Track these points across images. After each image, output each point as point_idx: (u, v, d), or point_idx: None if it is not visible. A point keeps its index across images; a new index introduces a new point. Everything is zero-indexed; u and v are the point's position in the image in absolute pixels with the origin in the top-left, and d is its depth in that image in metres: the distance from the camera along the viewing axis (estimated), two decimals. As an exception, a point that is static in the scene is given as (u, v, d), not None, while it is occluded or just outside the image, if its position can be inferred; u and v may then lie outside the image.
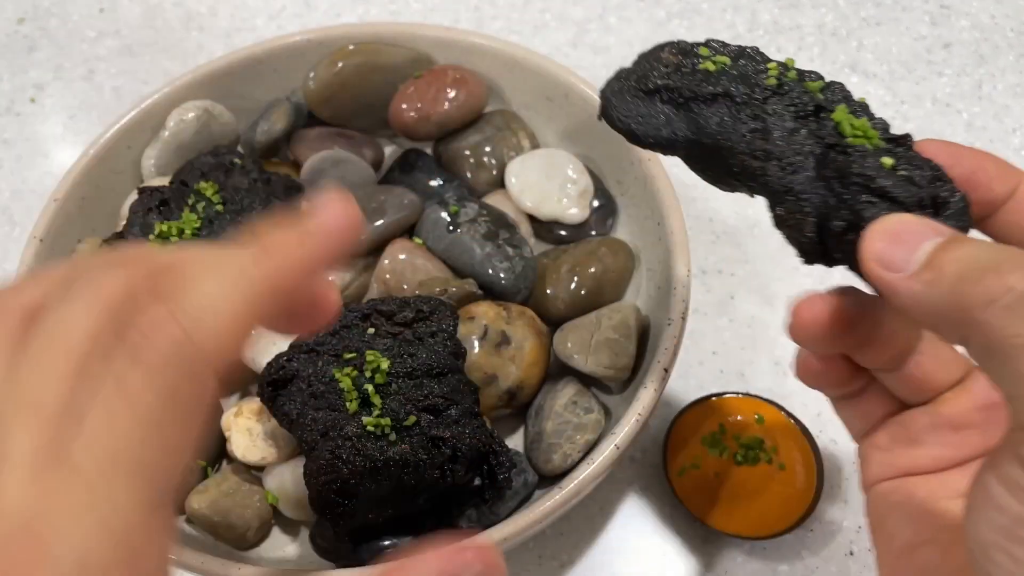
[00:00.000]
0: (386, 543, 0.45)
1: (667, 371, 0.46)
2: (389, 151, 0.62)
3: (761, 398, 0.52)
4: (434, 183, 0.58)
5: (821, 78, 0.32)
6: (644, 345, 0.51)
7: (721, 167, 0.32)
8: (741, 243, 0.62)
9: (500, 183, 0.59)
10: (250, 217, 0.50)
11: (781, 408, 0.51)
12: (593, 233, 0.57)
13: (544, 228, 0.58)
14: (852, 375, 0.32)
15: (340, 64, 0.58)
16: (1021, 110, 0.68)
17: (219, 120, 0.58)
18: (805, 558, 0.50)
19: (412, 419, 0.42)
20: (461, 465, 0.42)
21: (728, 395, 0.52)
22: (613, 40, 0.73)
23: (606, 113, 0.33)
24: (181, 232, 0.49)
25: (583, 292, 0.53)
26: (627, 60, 0.34)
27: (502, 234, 0.53)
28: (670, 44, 0.33)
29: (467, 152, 0.59)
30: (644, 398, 0.44)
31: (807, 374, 0.33)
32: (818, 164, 0.29)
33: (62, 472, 0.20)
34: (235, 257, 0.24)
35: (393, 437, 0.41)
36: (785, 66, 0.32)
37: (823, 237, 0.29)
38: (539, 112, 0.61)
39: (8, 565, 0.19)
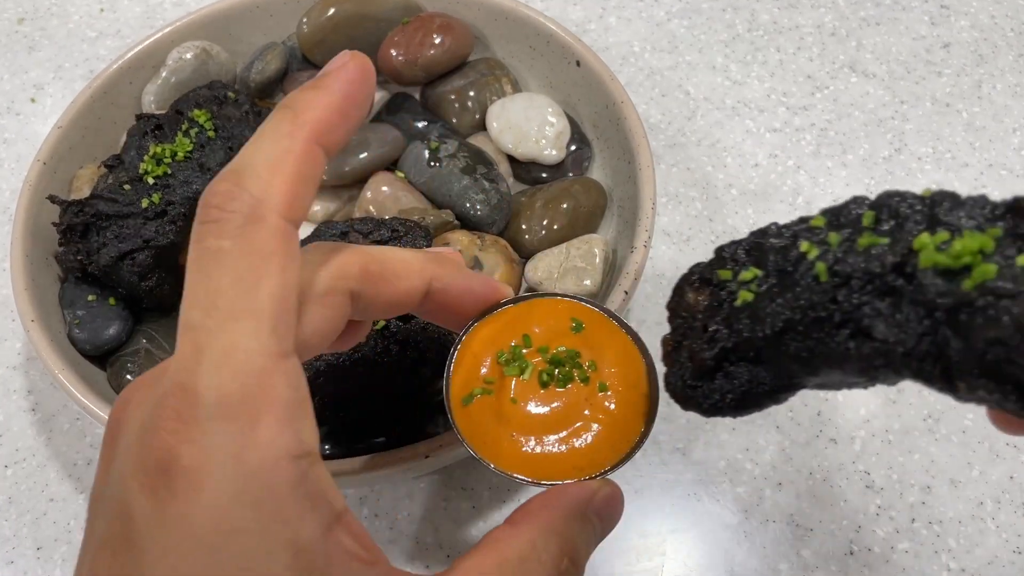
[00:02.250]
0: (357, 444, 0.47)
1: (627, 293, 0.48)
2: (379, 96, 0.65)
3: (581, 299, 0.38)
4: (419, 124, 0.61)
5: (858, 214, 0.26)
6: (613, 275, 0.54)
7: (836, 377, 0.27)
8: (744, 219, 0.65)
9: (483, 126, 0.61)
10: (240, 144, 0.53)
11: (608, 313, 0.37)
12: (570, 175, 0.60)
13: (523, 169, 0.60)
14: None
15: (332, 10, 0.61)
16: (1021, 110, 0.69)
17: (216, 60, 0.61)
18: (805, 558, 0.51)
19: (381, 323, 0.44)
20: (427, 368, 0.45)
21: (535, 297, 0.38)
22: (613, 40, 0.73)
23: (691, 408, 0.32)
24: (174, 155, 0.52)
25: (556, 227, 0.56)
26: (627, 60, 0.34)
27: (480, 169, 0.56)
28: (687, 280, 0.30)
29: (452, 96, 0.62)
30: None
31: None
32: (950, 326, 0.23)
33: (205, 334, 0.24)
34: (272, 127, 0.28)
35: (363, 339, 0.44)
36: (813, 230, 0.28)
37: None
38: (522, 60, 0.63)
39: (168, 411, 0.24)
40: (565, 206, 0.56)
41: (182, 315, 0.25)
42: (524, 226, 0.56)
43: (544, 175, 0.60)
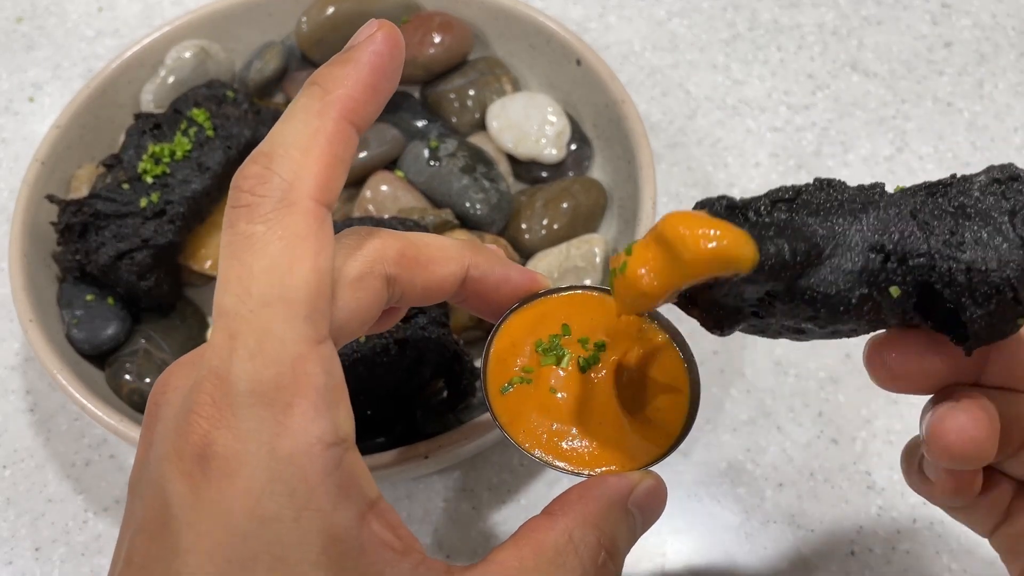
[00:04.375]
0: (359, 446, 0.47)
1: (628, 292, 0.48)
2: (378, 96, 0.65)
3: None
4: (419, 123, 0.61)
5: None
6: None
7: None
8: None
9: (482, 125, 0.61)
10: (239, 143, 0.53)
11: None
12: (570, 174, 0.60)
13: (523, 168, 0.60)
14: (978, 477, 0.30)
15: (331, 9, 0.61)
16: (1022, 109, 0.68)
17: (215, 59, 0.61)
18: (806, 557, 0.50)
19: (381, 323, 0.44)
20: (427, 368, 0.45)
21: (574, 290, 0.37)
22: (613, 39, 0.73)
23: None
24: (173, 154, 0.52)
25: (556, 226, 0.56)
26: (627, 59, 0.33)
27: (480, 168, 0.56)
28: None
29: (452, 95, 0.62)
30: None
31: (944, 495, 0.30)
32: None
33: (238, 321, 0.25)
34: (301, 105, 0.27)
35: (363, 339, 0.44)
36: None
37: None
38: (522, 59, 0.63)
39: (203, 396, 0.25)
40: (565, 205, 0.56)
41: (216, 300, 0.25)
42: (524, 225, 0.56)
43: (544, 174, 0.60)
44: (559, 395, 0.34)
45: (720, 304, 0.29)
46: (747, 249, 0.27)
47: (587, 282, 0.52)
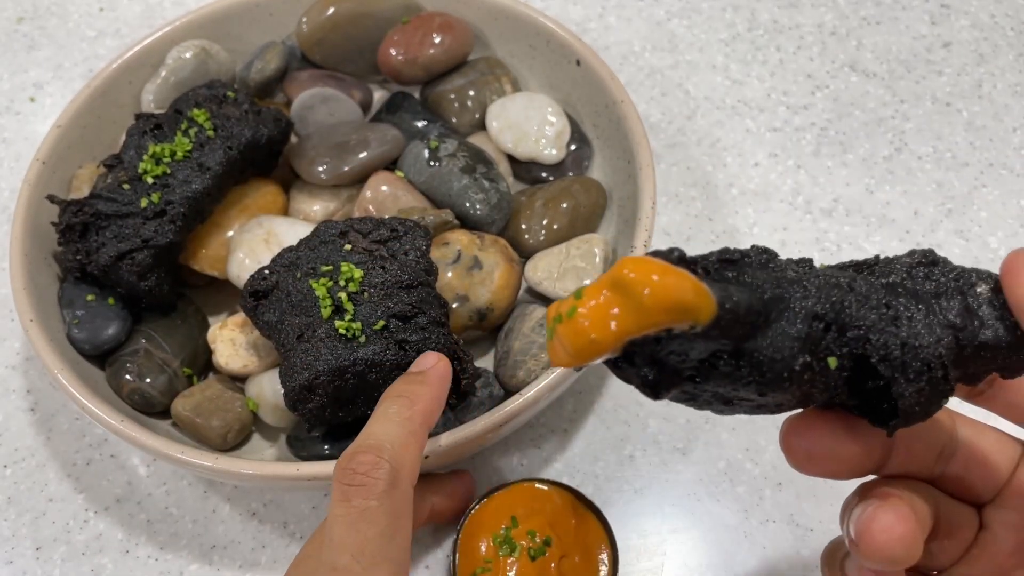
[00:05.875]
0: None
1: (627, 292, 0.48)
2: (379, 96, 0.65)
3: (556, 483, 0.49)
4: (419, 123, 0.61)
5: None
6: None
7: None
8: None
9: (482, 126, 0.61)
10: (239, 143, 0.53)
11: (575, 492, 0.48)
12: (570, 174, 0.60)
13: (523, 168, 0.60)
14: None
15: (331, 9, 0.61)
16: (1021, 109, 0.69)
17: (216, 59, 0.61)
18: (806, 557, 0.51)
19: (381, 324, 0.44)
20: (426, 368, 0.45)
21: (520, 483, 0.48)
22: (613, 39, 0.73)
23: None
24: (173, 154, 0.52)
25: (556, 226, 0.56)
26: (627, 60, 0.34)
27: (479, 168, 0.56)
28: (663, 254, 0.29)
29: (452, 95, 0.62)
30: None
31: None
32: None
33: (352, 575, 0.33)
34: (396, 411, 0.38)
35: (363, 339, 0.44)
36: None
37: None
38: (522, 59, 0.63)
39: None
40: (565, 205, 0.56)
41: (329, 558, 0.33)
42: (524, 225, 0.56)
43: (544, 174, 0.60)
44: None
45: (661, 363, 0.28)
46: (707, 300, 0.26)
47: (587, 281, 0.52)
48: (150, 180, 0.51)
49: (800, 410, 0.30)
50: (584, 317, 0.26)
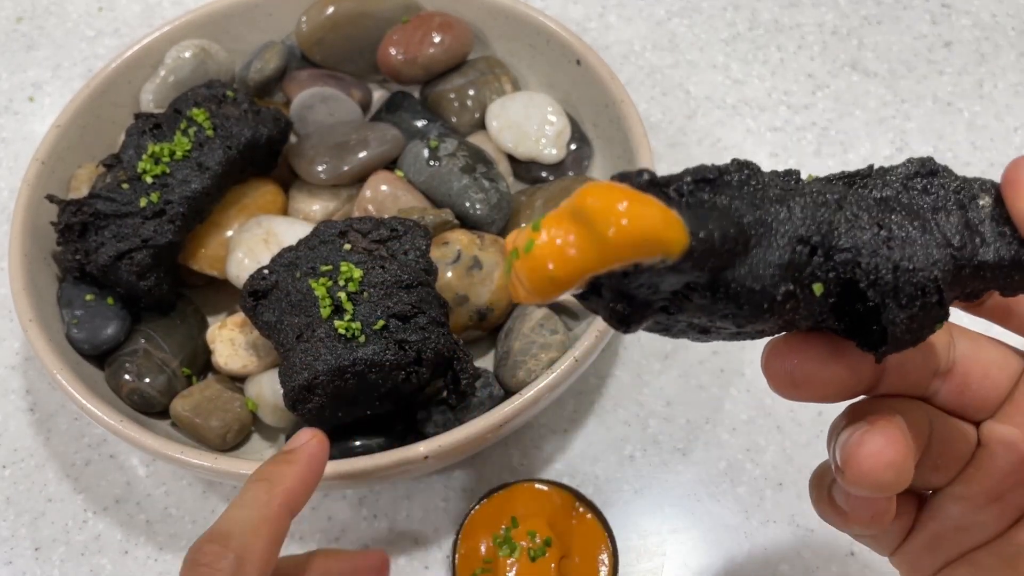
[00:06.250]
0: (357, 443, 0.47)
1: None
2: (378, 95, 0.65)
3: (556, 483, 0.49)
4: (419, 123, 0.61)
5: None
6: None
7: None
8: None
9: (482, 125, 0.61)
10: (239, 143, 0.53)
11: (574, 492, 0.49)
12: (570, 174, 0.60)
13: (523, 168, 0.60)
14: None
15: (331, 8, 0.61)
16: (1022, 109, 0.68)
17: (215, 59, 0.61)
18: (806, 558, 0.50)
19: (381, 323, 0.44)
20: (426, 368, 0.45)
21: (520, 483, 0.49)
22: (613, 38, 0.73)
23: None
24: (172, 154, 0.52)
25: (556, 226, 0.56)
26: (627, 59, 0.33)
27: (479, 168, 0.56)
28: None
29: (452, 95, 0.62)
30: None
31: (859, 525, 0.28)
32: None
33: None
34: (251, 496, 0.35)
35: (363, 339, 0.44)
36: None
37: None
38: (522, 59, 0.63)
39: None
40: (565, 205, 0.56)
41: None
42: (524, 224, 0.56)
43: (544, 174, 0.60)
44: None
45: (630, 296, 0.25)
46: (678, 231, 0.23)
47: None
48: (149, 180, 0.51)
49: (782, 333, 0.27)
50: (542, 252, 0.23)
